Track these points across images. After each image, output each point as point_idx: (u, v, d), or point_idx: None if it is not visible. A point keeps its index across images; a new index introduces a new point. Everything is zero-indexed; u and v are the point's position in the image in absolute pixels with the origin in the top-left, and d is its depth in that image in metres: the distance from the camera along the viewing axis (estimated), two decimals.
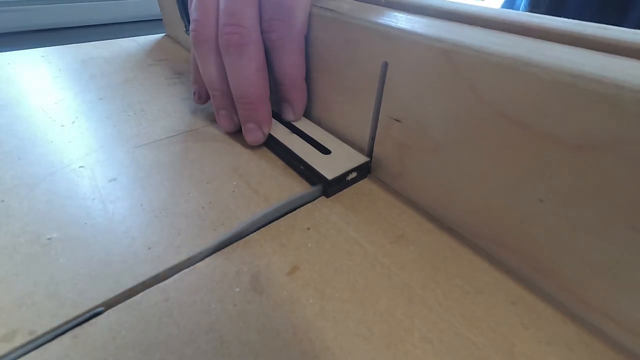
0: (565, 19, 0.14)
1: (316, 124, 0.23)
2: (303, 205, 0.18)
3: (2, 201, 0.17)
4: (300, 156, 0.20)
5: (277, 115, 0.23)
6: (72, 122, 0.24)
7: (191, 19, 0.20)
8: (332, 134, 0.22)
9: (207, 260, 0.15)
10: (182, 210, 0.17)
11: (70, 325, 0.12)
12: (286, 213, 0.17)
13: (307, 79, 0.22)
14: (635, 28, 0.13)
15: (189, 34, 0.29)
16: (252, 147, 0.22)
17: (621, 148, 0.10)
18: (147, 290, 0.14)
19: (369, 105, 0.19)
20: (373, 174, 0.20)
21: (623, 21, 0.35)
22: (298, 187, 0.19)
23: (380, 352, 0.12)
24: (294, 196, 0.18)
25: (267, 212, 0.17)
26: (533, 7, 0.40)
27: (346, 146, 0.21)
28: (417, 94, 0.16)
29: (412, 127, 0.17)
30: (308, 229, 0.17)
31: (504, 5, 0.47)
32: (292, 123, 0.23)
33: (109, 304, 0.13)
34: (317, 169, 0.19)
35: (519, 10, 0.41)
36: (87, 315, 0.13)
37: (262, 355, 0.12)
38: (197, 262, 0.15)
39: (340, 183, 0.19)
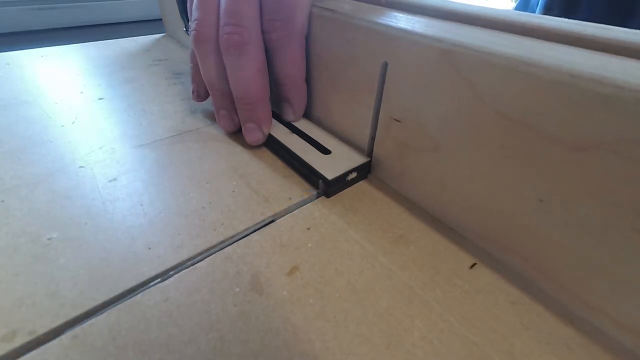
0: (565, 19, 0.14)
1: (316, 124, 0.23)
2: (303, 205, 0.18)
3: (2, 201, 0.17)
4: (301, 156, 0.20)
5: (277, 116, 0.23)
6: (72, 122, 0.24)
7: (192, 18, 0.20)
8: (332, 134, 0.22)
9: (207, 260, 0.15)
10: (182, 210, 0.17)
11: (73, 323, 0.12)
12: (286, 213, 0.17)
13: (307, 79, 0.22)
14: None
15: (188, 34, 0.29)
16: (252, 147, 0.22)
17: (621, 148, 0.10)
18: (147, 290, 0.14)
19: (369, 105, 0.19)
20: (373, 174, 0.20)
21: (628, 24, 0.35)
22: (298, 187, 0.19)
23: (380, 352, 0.12)
24: (296, 200, 0.18)
25: (270, 217, 0.17)
26: (546, 12, 0.40)
27: (346, 146, 0.21)
28: (417, 94, 0.16)
29: (412, 127, 0.17)
30: (308, 229, 0.17)
31: (517, 9, 0.47)
32: (292, 123, 0.23)
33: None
34: (317, 169, 0.19)
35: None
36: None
37: (262, 355, 0.12)
38: (197, 262, 0.15)
39: (341, 183, 0.19)
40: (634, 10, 0.35)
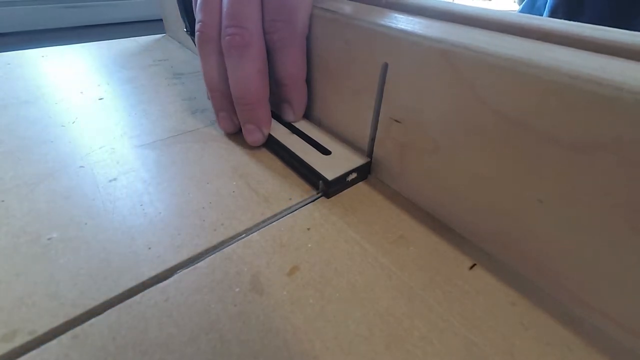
0: (564, 21, 0.14)
1: (316, 125, 0.23)
2: (303, 205, 0.18)
3: (2, 201, 0.17)
4: (301, 157, 0.20)
5: (277, 116, 0.23)
6: (72, 122, 0.24)
7: (196, 19, 0.20)
8: (332, 134, 0.22)
9: (207, 260, 0.15)
10: (182, 210, 0.17)
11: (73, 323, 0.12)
12: (286, 213, 0.18)
13: (308, 79, 0.22)
14: None
15: (189, 34, 0.29)
16: (253, 148, 0.22)
17: (620, 148, 0.10)
18: (147, 290, 0.14)
19: (369, 106, 0.19)
20: (373, 175, 0.21)
21: (631, 26, 0.36)
22: (298, 187, 0.19)
23: (380, 352, 0.12)
24: (296, 200, 0.18)
25: (270, 217, 0.17)
26: (552, 15, 0.41)
27: (346, 147, 0.21)
28: (417, 94, 0.16)
29: (412, 127, 0.17)
30: (308, 229, 0.17)
31: (523, 11, 0.48)
32: (292, 124, 0.23)
33: None
34: (317, 170, 0.19)
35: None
36: None
37: (262, 355, 0.12)
38: (197, 262, 0.15)
39: (341, 183, 0.19)
40: (637, 11, 0.36)
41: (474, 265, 0.15)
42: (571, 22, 0.14)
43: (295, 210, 0.18)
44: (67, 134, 0.23)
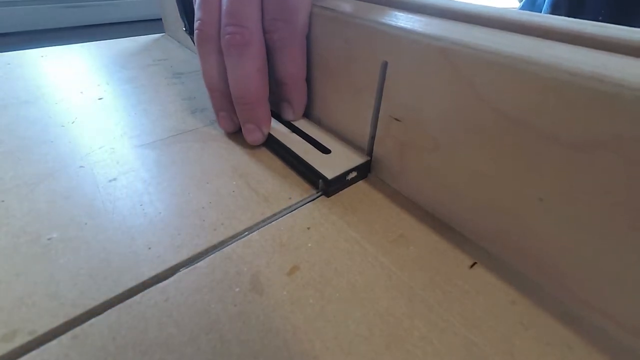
0: (564, 17, 0.14)
1: (316, 124, 0.23)
2: (303, 205, 0.18)
3: (2, 201, 0.17)
4: (300, 156, 0.20)
5: (277, 115, 0.23)
6: (72, 122, 0.24)
7: (195, 18, 0.20)
8: (331, 133, 0.22)
9: (207, 260, 0.15)
10: (182, 210, 0.17)
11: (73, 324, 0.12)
12: (286, 213, 0.17)
13: (307, 78, 0.22)
14: None
15: (188, 34, 0.29)
16: (252, 147, 0.22)
17: (620, 146, 0.10)
18: (147, 290, 0.14)
19: (369, 104, 0.19)
20: (373, 174, 0.20)
21: (634, 22, 0.36)
22: (298, 186, 0.19)
23: (380, 352, 0.12)
24: (295, 199, 0.18)
25: (270, 216, 0.17)
26: (554, 11, 0.41)
27: (346, 146, 0.21)
28: (417, 93, 0.16)
29: (412, 126, 0.17)
30: (308, 228, 0.17)
31: (523, 9, 0.48)
32: (292, 123, 0.23)
33: None
34: (317, 169, 0.19)
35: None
36: None
37: (262, 355, 0.12)
38: (197, 262, 0.15)
39: (340, 182, 0.19)
40: (638, 10, 0.36)
41: (474, 264, 0.15)
42: (571, 19, 0.14)
43: (295, 209, 0.18)
44: (67, 134, 0.23)
